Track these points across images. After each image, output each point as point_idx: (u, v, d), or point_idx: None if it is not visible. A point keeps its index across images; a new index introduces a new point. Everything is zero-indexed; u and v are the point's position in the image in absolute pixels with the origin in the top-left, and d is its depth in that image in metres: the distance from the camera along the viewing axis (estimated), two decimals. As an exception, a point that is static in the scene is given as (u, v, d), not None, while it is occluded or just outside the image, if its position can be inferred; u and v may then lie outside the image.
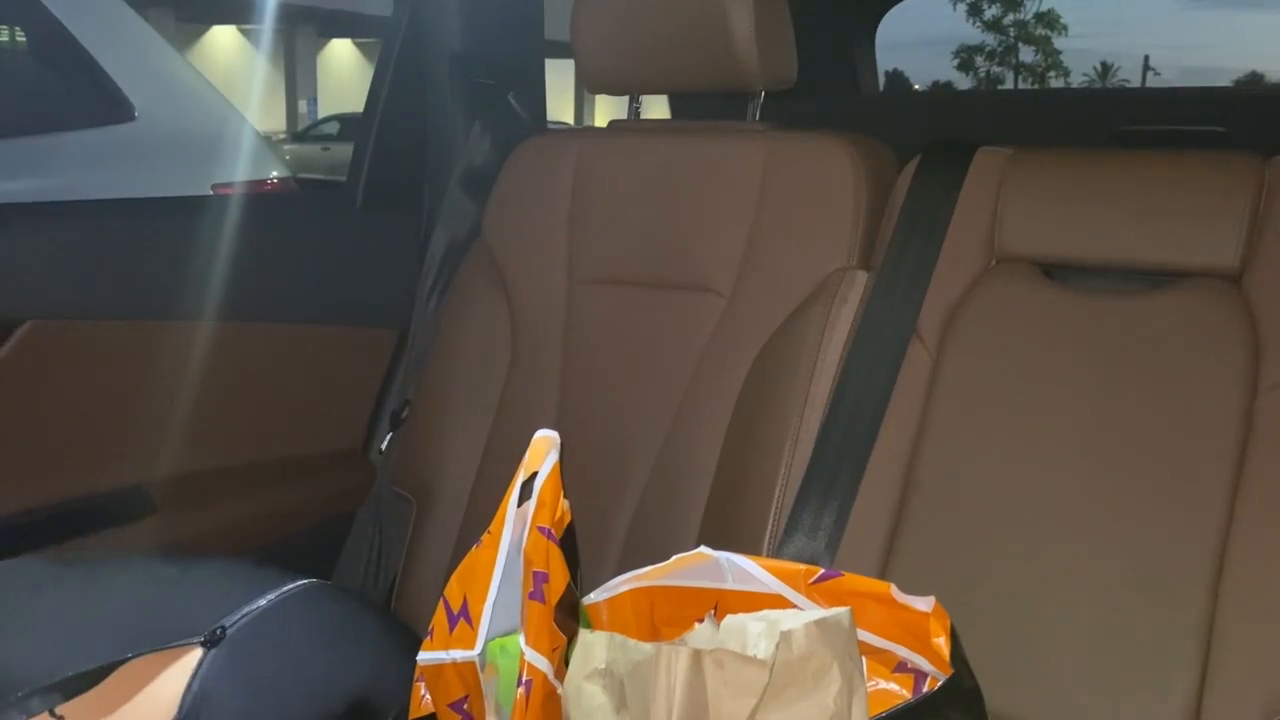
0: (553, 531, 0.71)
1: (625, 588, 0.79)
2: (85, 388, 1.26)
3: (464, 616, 0.72)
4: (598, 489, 1.18)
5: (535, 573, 0.68)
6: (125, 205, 1.45)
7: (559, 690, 0.68)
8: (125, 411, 1.29)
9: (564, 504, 0.74)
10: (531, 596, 0.68)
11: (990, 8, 34.33)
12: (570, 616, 0.74)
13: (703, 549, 0.78)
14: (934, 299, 1.06)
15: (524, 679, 0.66)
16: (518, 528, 0.71)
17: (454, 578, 0.74)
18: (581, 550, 0.79)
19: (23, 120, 1.48)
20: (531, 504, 0.71)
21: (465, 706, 0.72)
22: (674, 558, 0.78)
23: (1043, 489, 0.95)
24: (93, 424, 1.27)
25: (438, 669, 0.73)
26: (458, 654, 0.72)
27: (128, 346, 1.28)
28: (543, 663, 0.67)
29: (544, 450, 0.73)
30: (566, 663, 0.73)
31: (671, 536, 1.10)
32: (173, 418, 1.29)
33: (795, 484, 1.04)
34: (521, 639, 0.67)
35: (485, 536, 0.73)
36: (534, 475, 0.72)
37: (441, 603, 0.74)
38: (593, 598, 0.79)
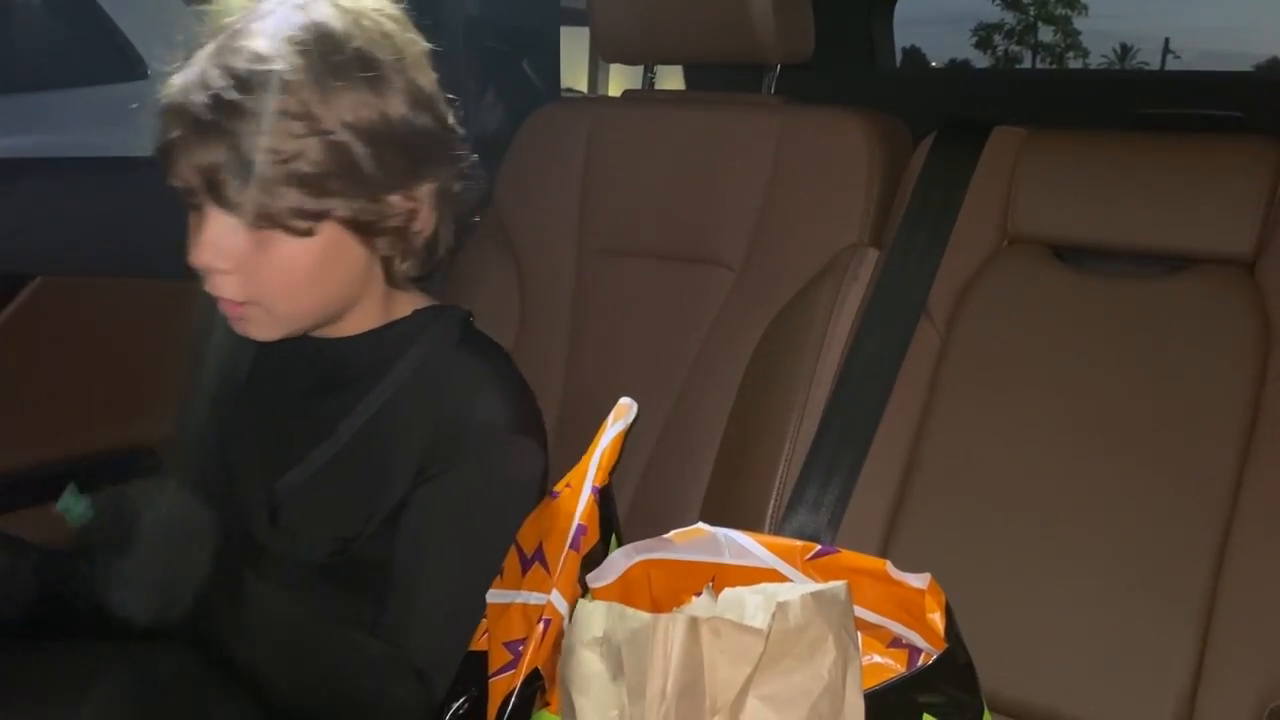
0: (599, 491, 0.78)
1: (625, 563, 0.79)
2: (94, 345, 1.26)
3: (539, 560, 0.77)
4: (602, 459, 1.19)
5: (579, 524, 0.75)
6: (136, 163, 1.45)
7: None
8: (134, 370, 1.30)
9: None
10: (570, 546, 0.75)
11: (1010, -14, 33.99)
12: (583, 578, 0.78)
13: (700, 525, 0.78)
14: (945, 278, 1.06)
15: (544, 617, 0.72)
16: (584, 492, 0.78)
17: (527, 523, 0.80)
18: (584, 520, 0.82)
19: (33, 75, 1.47)
20: (595, 464, 0.78)
21: (520, 648, 0.74)
22: (672, 533, 0.79)
23: (1046, 471, 0.95)
24: (101, 382, 1.28)
25: (503, 608, 0.77)
26: (531, 596, 0.76)
27: (137, 304, 1.28)
28: (564, 606, 0.73)
29: (617, 416, 0.82)
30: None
31: (675, 509, 1.11)
32: (182, 378, 1.29)
33: (799, 460, 1.04)
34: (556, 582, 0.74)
35: (565, 489, 0.79)
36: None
37: (514, 546, 0.80)
38: (595, 576, 0.80)
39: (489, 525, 0.82)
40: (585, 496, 0.77)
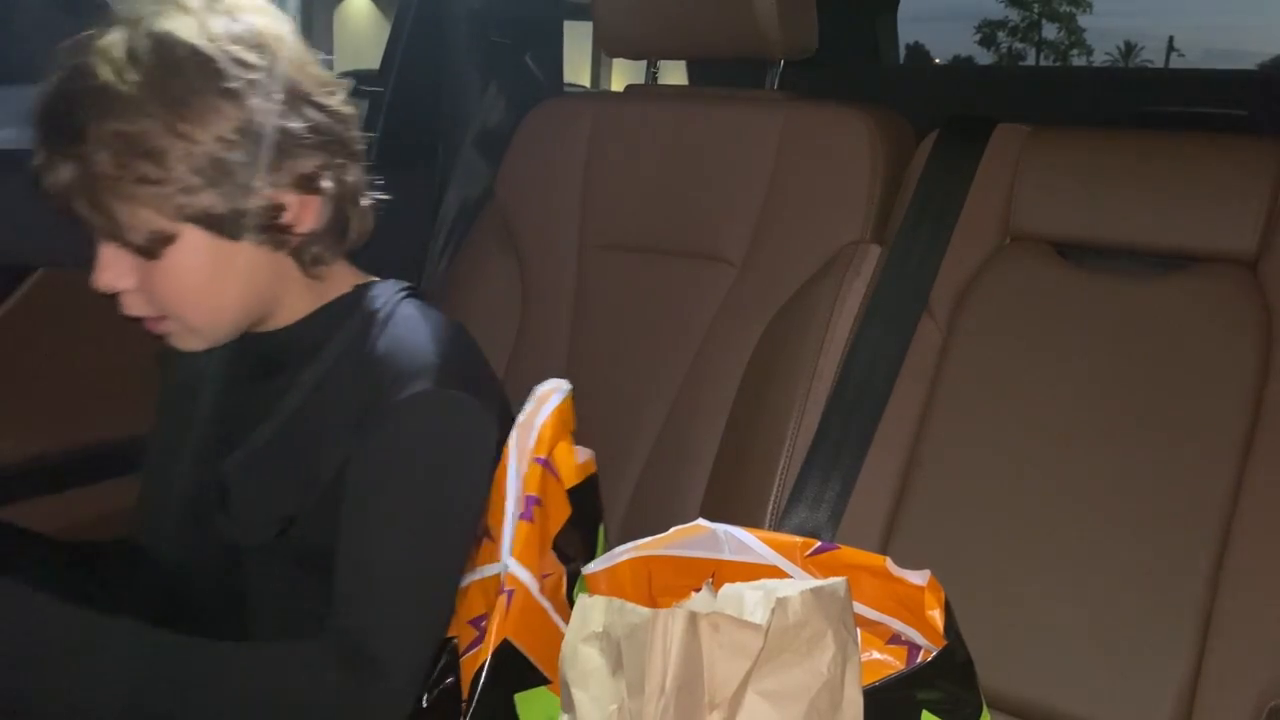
0: (551, 463, 0.78)
1: (624, 557, 0.80)
2: (95, 338, 1.26)
3: (486, 535, 0.78)
4: (602, 454, 1.18)
5: (527, 496, 0.76)
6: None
7: (544, 606, 0.74)
8: (133, 363, 1.29)
9: (586, 455, 0.83)
10: (521, 516, 0.75)
11: (1015, -17, 33.93)
12: (574, 552, 0.79)
13: (700, 521, 0.78)
14: (946, 275, 1.06)
15: (506, 588, 0.72)
16: (522, 460, 0.79)
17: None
18: (585, 514, 0.83)
19: (37, 68, 1.47)
20: (533, 437, 0.78)
21: (483, 624, 0.74)
22: (672, 530, 0.79)
23: (1047, 469, 0.95)
24: (101, 374, 1.27)
25: (465, 589, 0.79)
26: (484, 570, 0.77)
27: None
28: (525, 575, 0.73)
29: (549, 394, 0.82)
30: (569, 599, 0.75)
31: (675, 504, 1.11)
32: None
33: (800, 456, 1.04)
34: (508, 551, 0.74)
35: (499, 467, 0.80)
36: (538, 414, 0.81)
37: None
38: (591, 567, 0.80)
39: (427, 483, 0.80)
40: (516, 467, 0.77)
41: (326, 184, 0.81)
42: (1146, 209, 1.00)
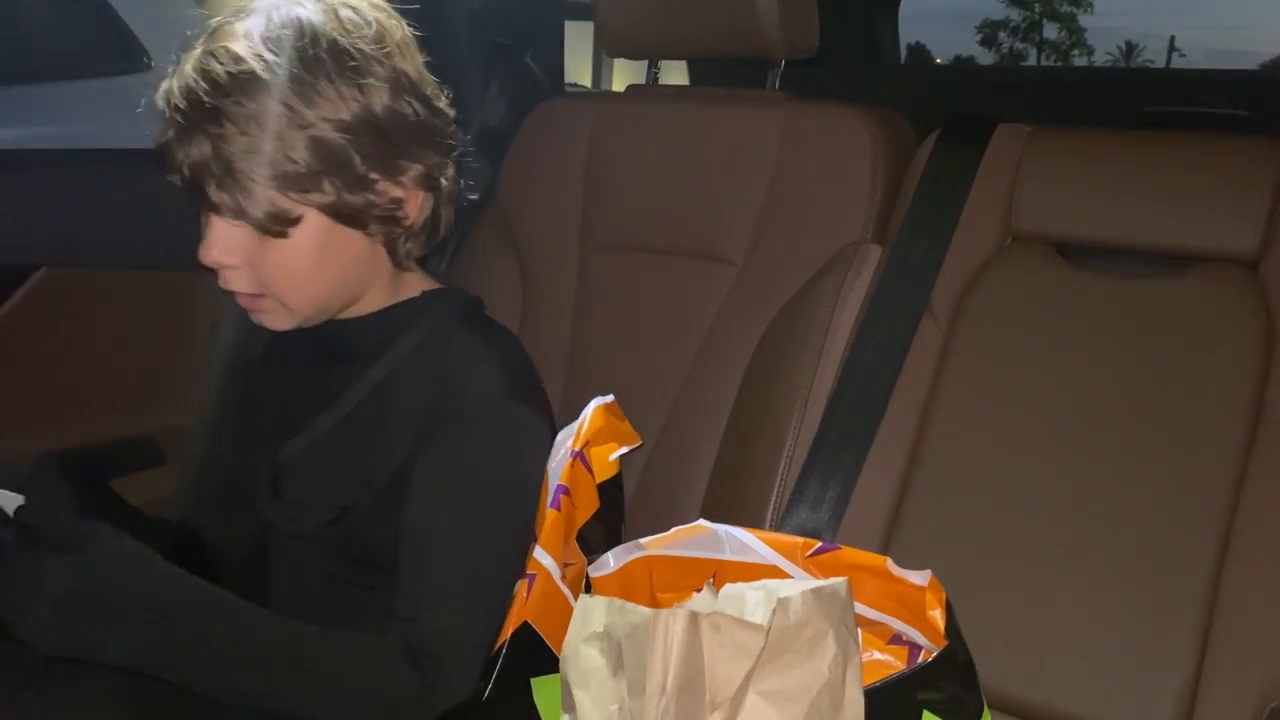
0: (585, 456, 0.80)
1: (625, 558, 0.80)
2: (97, 336, 1.26)
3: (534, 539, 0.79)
4: (603, 454, 1.18)
5: (558, 485, 0.78)
6: (139, 155, 1.45)
7: (565, 593, 0.75)
8: (136, 362, 1.30)
9: (613, 457, 0.84)
10: (551, 505, 0.76)
11: (1016, -18, 33.85)
12: (596, 545, 0.80)
13: (701, 521, 0.78)
14: (948, 275, 1.06)
15: (529, 572, 0.73)
16: (563, 458, 0.81)
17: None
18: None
19: (35, 67, 1.47)
20: (572, 435, 0.81)
21: None
22: (673, 530, 0.79)
23: (1048, 469, 0.95)
24: (103, 373, 1.28)
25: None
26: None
27: (139, 296, 1.28)
28: (549, 561, 0.74)
29: (593, 403, 0.86)
30: (587, 589, 0.76)
31: (676, 505, 1.11)
32: (184, 369, 1.30)
33: (801, 456, 1.04)
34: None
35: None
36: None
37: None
38: (594, 568, 0.80)
39: (493, 493, 0.82)
40: (560, 459, 0.79)
41: (443, 181, 0.85)
42: (1147, 209, 1.00)
